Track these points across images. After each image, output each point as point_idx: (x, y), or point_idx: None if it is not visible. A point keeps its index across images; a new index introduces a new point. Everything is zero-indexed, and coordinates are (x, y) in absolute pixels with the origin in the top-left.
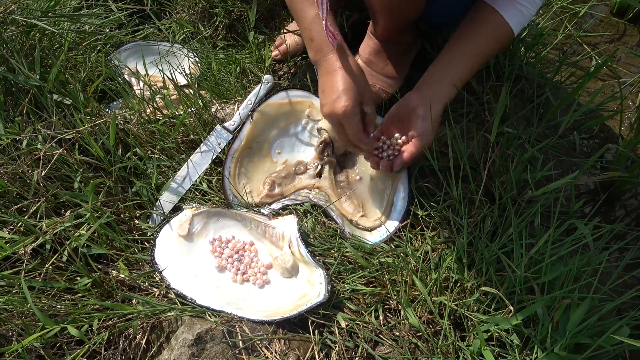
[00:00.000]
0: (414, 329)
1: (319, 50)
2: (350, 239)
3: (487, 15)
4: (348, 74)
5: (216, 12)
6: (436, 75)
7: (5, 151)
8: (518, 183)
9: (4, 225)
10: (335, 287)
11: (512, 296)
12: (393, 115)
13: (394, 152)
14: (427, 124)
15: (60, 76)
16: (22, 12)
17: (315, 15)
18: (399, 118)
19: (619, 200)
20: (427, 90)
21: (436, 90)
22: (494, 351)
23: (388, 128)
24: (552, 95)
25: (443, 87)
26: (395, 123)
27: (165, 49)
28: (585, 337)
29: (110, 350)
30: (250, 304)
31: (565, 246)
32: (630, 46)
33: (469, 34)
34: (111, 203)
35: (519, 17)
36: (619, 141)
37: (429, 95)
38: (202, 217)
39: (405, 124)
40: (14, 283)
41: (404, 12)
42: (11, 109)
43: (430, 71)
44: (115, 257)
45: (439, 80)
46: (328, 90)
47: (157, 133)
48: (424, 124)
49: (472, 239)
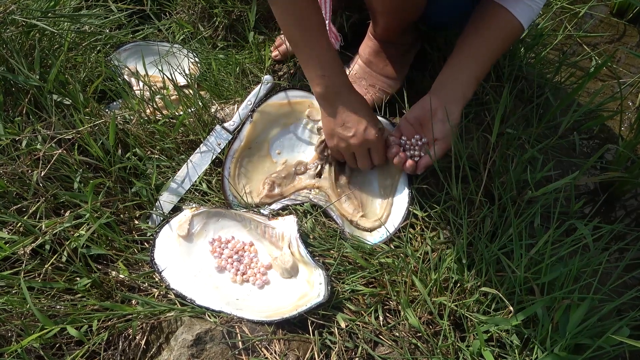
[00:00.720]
0: (413, 329)
1: (333, 85)
2: (350, 239)
3: (496, 13)
4: (366, 104)
5: (216, 12)
6: (451, 76)
7: (4, 151)
8: (518, 183)
9: (3, 225)
10: (335, 288)
11: (512, 297)
12: (412, 118)
13: (418, 153)
14: (447, 126)
15: (60, 76)
16: (22, 12)
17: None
18: (418, 121)
19: (618, 200)
20: (445, 92)
21: (453, 91)
22: (494, 352)
23: (407, 129)
24: (552, 95)
25: (460, 87)
26: (415, 126)
27: (165, 49)
28: (585, 338)
29: (109, 350)
30: (249, 304)
31: (565, 247)
32: (630, 46)
33: (480, 32)
34: (111, 203)
35: (527, 11)
36: (618, 141)
37: (447, 97)
38: (202, 217)
39: (425, 127)
40: (14, 283)
41: (404, 13)
42: (11, 109)
43: (445, 73)
44: (115, 257)
45: (455, 81)
46: (354, 123)
47: (157, 133)
48: (445, 127)
49: (472, 240)
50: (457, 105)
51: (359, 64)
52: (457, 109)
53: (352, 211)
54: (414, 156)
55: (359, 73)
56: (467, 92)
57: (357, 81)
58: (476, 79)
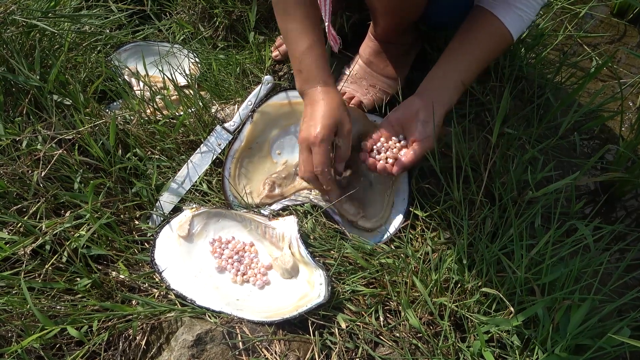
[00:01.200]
0: (414, 330)
1: (307, 81)
2: (351, 239)
3: (485, 21)
4: (328, 106)
5: (216, 12)
6: (437, 79)
7: (5, 152)
8: (518, 184)
9: (3, 225)
10: (336, 288)
11: (513, 297)
12: (394, 119)
13: (392, 155)
14: (428, 128)
15: (60, 77)
16: (22, 12)
17: (307, 48)
18: (400, 122)
19: (619, 201)
20: (429, 94)
21: (438, 95)
22: (495, 352)
23: (388, 131)
24: (553, 96)
25: (445, 91)
26: (396, 126)
27: (166, 50)
28: (586, 338)
29: (110, 351)
30: (250, 304)
31: (565, 247)
32: (631, 47)
33: (469, 38)
34: (111, 204)
35: (518, 22)
36: (619, 142)
37: (431, 99)
38: (202, 217)
39: (406, 128)
40: (14, 284)
41: (404, 12)
42: (11, 109)
43: (431, 76)
44: (115, 257)
45: (440, 85)
46: (307, 118)
47: (157, 133)
48: (426, 129)
49: (473, 240)
50: (442, 108)
51: (359, 64)
52: (441, 111)
53: (352, 212)
54: (389, 156)
55: (360, 73)
56: (453, 97)
57: (357, 81)
58: (463, 84)
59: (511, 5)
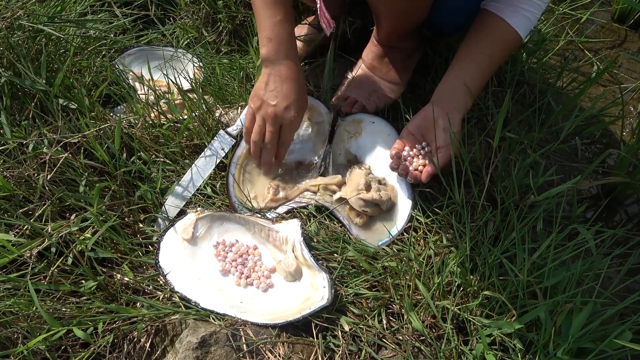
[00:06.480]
0: (417, 332)
1: (276, 52)
2: (354, 242)
3: (494, 24)
4: (302, 92)
5: (220, 17)
6: (451, 86)
7: (11, 155)
8: (520, 188)
9: (10, 228)
10: (339, 291)
11: (515, 300)
12: (413, 128)
13: (422, 162)
14: (449, 134)
15: (66, 81)
16: (28, 17)
17: (281, 20)
18: (420, 130)
19: (621, 205)
20: (445, 102)
21: (455, 100)
22: (497, 355)
23: (410, 139)
24: (554, 100)
25: (460, 97)
26: (417, 135)
27: (169, 54)
28: (588, 342)
29: (114, 353)
30: (254, 307)
31: (567, 251)
32: (631, 52)
33: (479, 43)
34: (116, 207)
35: (525, 22)
36: (620, 146)
37: (449, 106)
38: (206, 220)
39: (427, 136)
40: (20, 286)
41: (408, 16)
42: (17, 113)
43: (445, 82)
44: (120, 260)
45: (456, 90)
46: (280, 95)
47: (162, 137)
48: (447, 135)
49: (475, 244)
50: (459, 114)
51: (362, 68)
52: (459, 117)
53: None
54: (417, 165)
55: (362, 78)
56: (468, 101)
57: (360, 86)
58: (476, 88)
59: (517, 7)
